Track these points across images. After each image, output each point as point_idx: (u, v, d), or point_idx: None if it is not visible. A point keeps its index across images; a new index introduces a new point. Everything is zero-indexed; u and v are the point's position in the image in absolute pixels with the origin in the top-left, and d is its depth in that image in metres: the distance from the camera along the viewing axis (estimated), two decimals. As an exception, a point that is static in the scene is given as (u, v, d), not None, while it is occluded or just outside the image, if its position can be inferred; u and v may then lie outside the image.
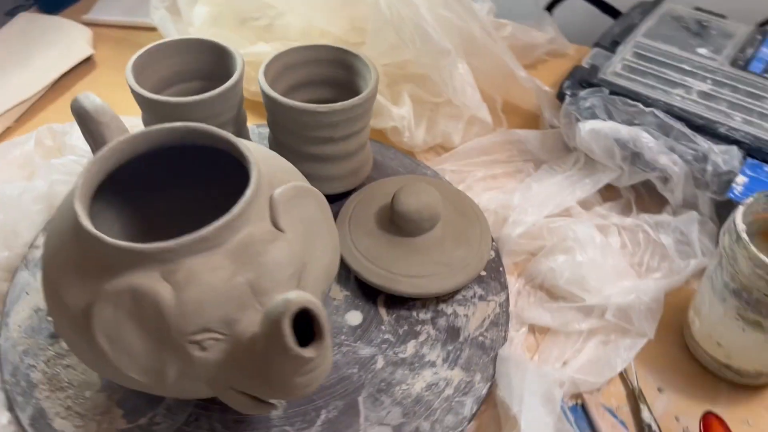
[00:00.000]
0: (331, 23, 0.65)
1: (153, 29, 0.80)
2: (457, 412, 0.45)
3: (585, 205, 0.58)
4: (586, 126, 0.56)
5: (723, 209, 0.55)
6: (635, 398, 0.48)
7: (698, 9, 0.69)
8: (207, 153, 0.42)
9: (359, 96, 0.51)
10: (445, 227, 0.52)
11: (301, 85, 0.58)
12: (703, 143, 0.54)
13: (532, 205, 0.57)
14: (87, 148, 0.58)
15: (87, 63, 0.75)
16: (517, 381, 0.45)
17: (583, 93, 0.58)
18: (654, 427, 0.45)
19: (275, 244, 0.36)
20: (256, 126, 0.65)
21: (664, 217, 0.56)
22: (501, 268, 0.54)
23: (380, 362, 0.48)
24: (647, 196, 0.59)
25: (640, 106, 0.56)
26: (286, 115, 0.52)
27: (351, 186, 0.57)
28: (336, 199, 0.56)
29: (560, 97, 0.61)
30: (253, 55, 0.65)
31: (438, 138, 0.64)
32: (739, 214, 0.41)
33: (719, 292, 0.44)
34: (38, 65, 0.70)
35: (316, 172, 0.55)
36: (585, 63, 0.63)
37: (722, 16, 0.68)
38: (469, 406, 0.46)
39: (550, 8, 0.84)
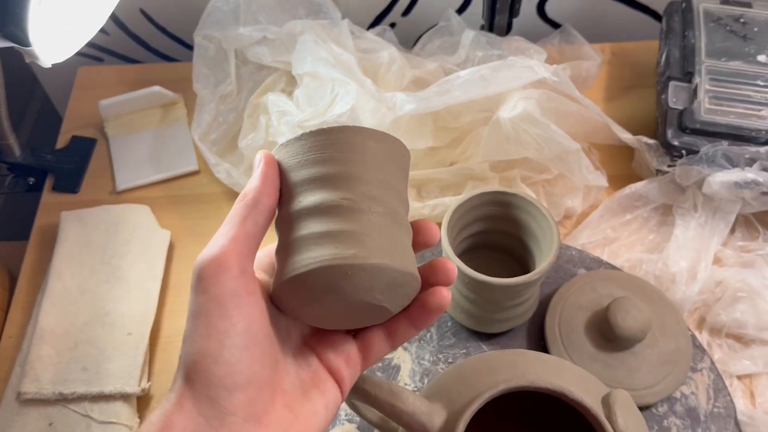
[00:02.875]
0: (419, 140, 0.64)
1: (196, 173, 0.75)
2: (740, 488, 0.53)
3: (724, 242, 0.64)
4: (716, 179, 0.61)
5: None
6: None
7: (725, 2, 0.74)
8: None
9: (553, 250, 0.52)
10: (651, 325, 0.57)
11: (463, 227, 0.58)
12: (816, 165, 0.61)
13: (686, 260, 0.62)
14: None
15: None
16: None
17: (703, 150, 0.62)
18: None
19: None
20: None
21: (797, 234, 0.63)
22: (691, 333, 0.60)
23: (658, 472, 0.54)
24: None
25: (755, 148, 0.62)
26: (483, 287, 0.53)
27: (534, 310, 0.60)
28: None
29: (665, 145, 0.65)
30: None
31: (561, 212, 0.67)
32: None
33: None
34: (136, 277, 0.64)
35: (507, 315, 0.58)
36: (671, 103, 0.67)
37: (748, 5, 0.73)
38: (745, 479, 0.54)
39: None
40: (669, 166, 0.66)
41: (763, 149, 0.62)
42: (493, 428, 0.55)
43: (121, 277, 0.64)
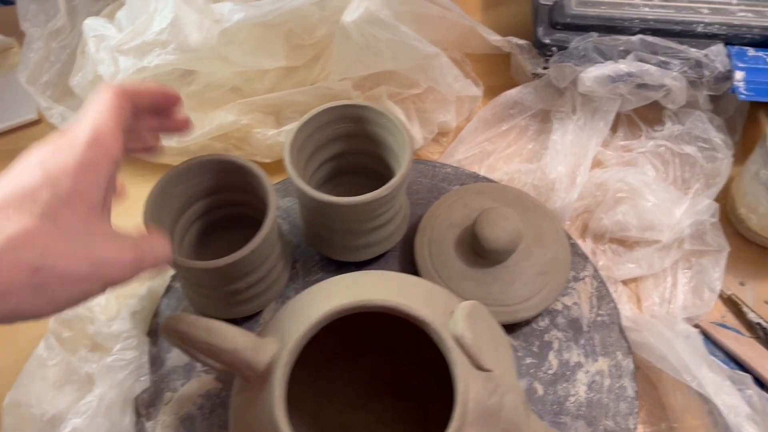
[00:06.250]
0: (265, 59, 0.58)
1: (36, 122, 0.67)
2: (624, 396, 0.50)
3: (605, 143, 0.60)
4: (589, 74, 0.57)
5: (720, 101, 0.60)
6: (733, 304, 0.55)
7: None
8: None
9: (404, 167, 0.47)
10: (525, 236, 0.53)
11: (315, 150, 0.53)
12: (693, 51, 0.57)
13: (564, 165, 0.58)
14: (126, 327, 0.50)
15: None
16: (664, 348, 0.49)
17: (573, 44, 0.58)
18: (763, 323, 0.53)
19: (496, 393, 0.36)
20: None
21: (677, 127, 0.60)
22: (573, 241, 0.57)
23: (539, 389, 0.50)
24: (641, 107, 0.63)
25: (626, 38, 0.57)
26: (334, 211, 0.48)
27: (404, 232, 0.55)
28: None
29: (538, 45, 0.61)
30: (220, 128, 0.57)
31: (435, 128, 0.62)
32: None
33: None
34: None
35: (371, 240, 0.53)
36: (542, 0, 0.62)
37: None
38: (629, 386, 0.50)
39: None
40: (544, 68, 0.62)
41: (635, 38, 0.57)
42: (358, 357, 0.51)
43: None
